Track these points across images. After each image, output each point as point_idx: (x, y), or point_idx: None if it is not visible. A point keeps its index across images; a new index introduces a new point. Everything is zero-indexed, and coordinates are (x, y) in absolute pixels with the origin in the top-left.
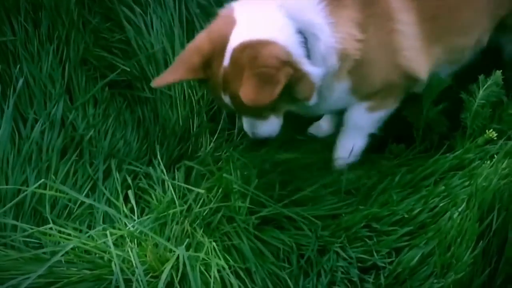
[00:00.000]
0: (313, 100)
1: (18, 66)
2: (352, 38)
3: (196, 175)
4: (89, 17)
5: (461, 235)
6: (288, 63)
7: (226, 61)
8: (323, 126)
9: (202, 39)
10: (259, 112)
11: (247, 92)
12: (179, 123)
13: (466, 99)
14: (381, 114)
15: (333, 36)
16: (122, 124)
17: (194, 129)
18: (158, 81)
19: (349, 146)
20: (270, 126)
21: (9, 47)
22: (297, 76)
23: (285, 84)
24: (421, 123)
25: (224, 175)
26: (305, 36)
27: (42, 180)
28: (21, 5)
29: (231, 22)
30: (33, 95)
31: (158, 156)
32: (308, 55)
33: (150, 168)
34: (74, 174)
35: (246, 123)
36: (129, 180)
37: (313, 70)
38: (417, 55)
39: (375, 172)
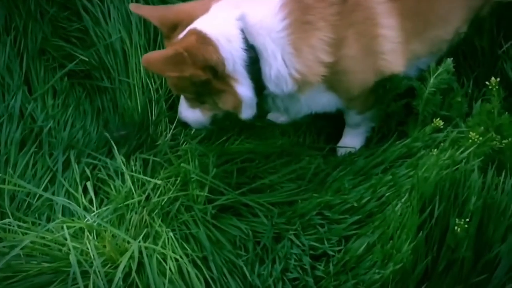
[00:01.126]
0: (245, 115)
1: None
2: (317, 63)
3: (155, 165)
4: (46, 6)
5: (402, 226)
6: (209, 69)
7: (181, 35)
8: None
9: (185, 7)
10: (189, 98)
11: (152, 53)
12: (138, 112)
13: (418, 86)
14: (370, 114)
15: (289, 65)
16: (82, 114)
17: (153, 118)
18: (136, 7)
19: (350, 143)
20: (193, 116)
21: None
22: (218, 88)
23: (200, 86)
24: (381, 113)
25: (182, 164)
26: (257, 55)
27: (0, 175)
28: None
29: (206, 9)
30: None
31: (117, 147)
32: (258, 74)
33: (109, 159)
34: (34, 166)
35: (180, 101)
36: (88, 172)
37: (241, 91)
38: (397, 57)
39: (332, 159)
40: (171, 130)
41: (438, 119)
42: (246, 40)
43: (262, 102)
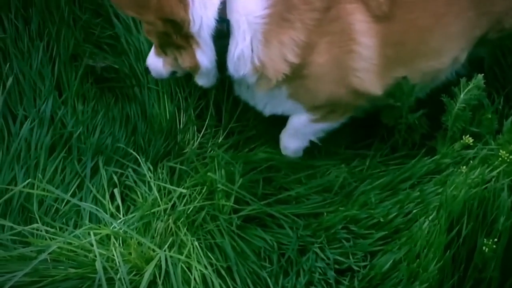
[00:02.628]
0: (200, 82)
1: (8, 64)
2: (281, 60)
3: (181, 173)
4: (79, 13)
5: (429, 245)
6: (172, 24)
7: None
8: None
9: None
10: (155, 45)
11: None
12: (166, 119)
13: (448, 101)
14: (323, 126)
15: (254, 51)
16: (111, 120)
17: (181, 126)
18: None
19: (289, 145)
20: (155, 65)
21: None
22: (179, 44)
23: (162, 36)
24: (402, 126)
25: (209, 173)
26: (228, 31)
27: (29, 180)
28: (12, 2)
29: None
30: (23, 92)
31: (144, 154)
32: (223, 49)
33: (136, 166)
34: (62, 171)
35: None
36: (115, 178)
37: (200, 57)
38: (373, 77)
39: (359, 171)
40: (199, 139)
41: (468, 136)
42: (222, 13)
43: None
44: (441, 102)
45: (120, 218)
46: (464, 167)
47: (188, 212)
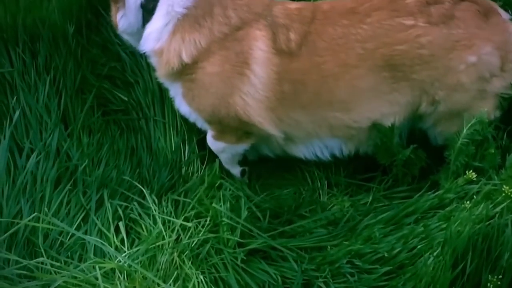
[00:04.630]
0: (120, 32)
1: (15, 97)
2: (176, 55)
3: (185, 205)
4: (87, 46)
5: (434, 282)
6: None
7: None
8: None
9: None
10: None
11: None
12: (171, 152)
13: (451, 136)
14: (224, 146)
15: (162, 35)
16: (116, 153)
17: (185, 158)
18: None
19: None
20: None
21: (6, 78)
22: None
23: None
24: (398, 162)
25: (214, 205)
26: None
27: (35, 213)
28: (20, 36)
29: None
30: (29, 125)
31: (149, 187)
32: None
33: (141, 198)
34: (67, 204)
35: None
36: (120, 211)
37: (119, 18)
38: (262, 108)
39: (362, 205)
40: (202, 170)
41: (471, 171)
42: None
43: None
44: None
45: (125, 252)
46: (468, 202)
47: (193, 245)
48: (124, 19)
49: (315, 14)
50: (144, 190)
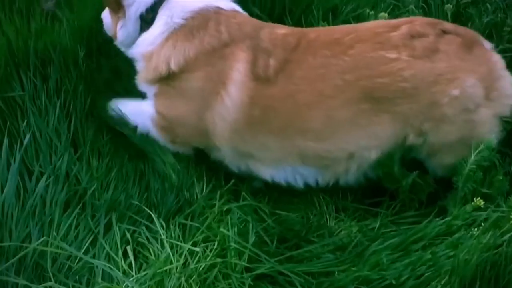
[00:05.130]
0: (118, 43)
1: (25, 121)
2: (164, 61)
3: (193, 228)
4: (97, 70)
5: None
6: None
7: None
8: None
9: None
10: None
11: None
12: (178, 176)
13: (458, 162)
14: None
15: (154, 43)
16: (125, 176)
17: (193, 180)
18: None
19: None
20: (106, 19)
21: (17, 102)
22: (112, 6)
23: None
24: (405, 187)
25: (222, 229)
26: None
27: (44, 237)
28: (31, 60)
29: None
30: (39, 148)
31: (156, 211)
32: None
33: (149, 222)
34: (76, 228)
35: None
36: (128, 235)
37: (119, 28)
38: (227, 129)
39: (370, 230)
40: (210, 192)
41: (479, 198)
42: (156, 5)
43: None
44: None
45: (133, 276)
46: (476, 229)
47: (200, 270)
48: (123, 29)
49: (300, 41)
50: (152, 214)
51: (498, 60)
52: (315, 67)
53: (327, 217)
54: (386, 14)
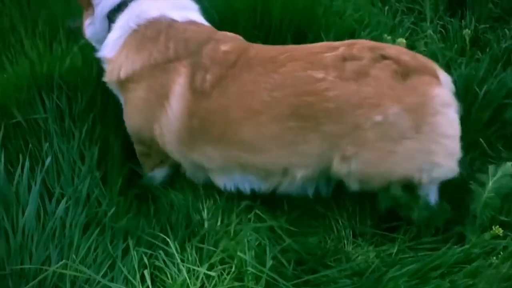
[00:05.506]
0: (87, 38)
1: (48, 143)
2: (118, 68)
3: (209, 251)
4: None
5: None
6: None
7: None
8: None
9: None
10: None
11: None
12: (191, 195)
13: (476, 189)
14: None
15: (115, 47)
16: (143, 199)
17: (202, 200)
18: None
19: None
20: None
21: (40, 125)
22: (82, 2)
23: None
24: (421, 215)
25: (239, 253)
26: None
27: (63, 261)
28: (55, 83)
29: None
30: (61, 170)
31: (172, 234)
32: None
33: (164, 245)
34: (95, 250)
35: None
36: (145, 259)
37: (86, 24)
38: (174, 140)
39: (387, 256)
40: (225, 211)
41: (497, 226)
42: (122, 5)
43: None
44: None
45: None
46: (495, 258)
47: None
48: (91, 26)
49: (239, 58)
50: (167, 238)
51: (440, 95)
52: (247, 83)
53: (345, 241)
54: (404, 40)
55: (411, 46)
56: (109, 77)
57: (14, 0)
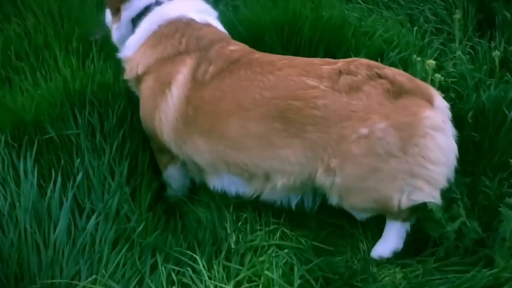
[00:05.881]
0: (115, 42)
1: (79, 158)
2: (135, 66)
3: (236, 268)
4: None
5: None
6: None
7: None
8: None
9: None
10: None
11: None
12: (211, 211)
13: (506, 212)
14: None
15: (135, 47)
16: (170, 215)
17: (226, 216)
18: None
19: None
20: (108, 17)
21: (72, 140)
22: (112, 6)
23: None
24: (449, 234)
25: (266, 272)
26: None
27: (93, 276)
28: (87, 100)
29: None
30: (92, 186)
31: (199, 251)
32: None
33: (192, 262)
34: (124, 266)
35: None
36: (174, 276)
37: (115, 28)
38: (170, 128)
39: (414, 277)
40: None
41: None
42: (144, 11)
43: None
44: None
45: None
46: None
47: None
48: (117, 31)
49: (242, 57)
50: (195, 255)
51: (430, 118)
52: (242, 79)
53: (372, 262)
54: (433, 62)
55: (439, 67)
56: (129, 74)
57: (48, 17)
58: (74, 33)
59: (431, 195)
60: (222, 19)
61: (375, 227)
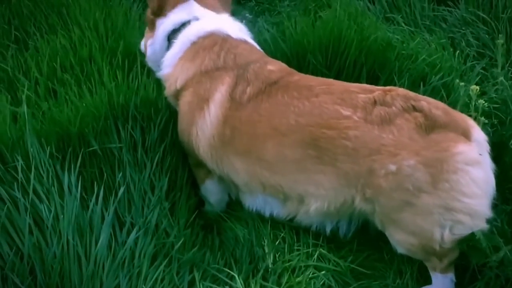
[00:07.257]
0: (147, 59)
1: (121, 172)
2: (175, 81)
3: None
4: None
5: None
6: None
7: None
8: None
9: None
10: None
11: None
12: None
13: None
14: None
15: (173, 63)
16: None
17: (271, 235)
18: None
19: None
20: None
21: (115, 154)
22: (148, 20)
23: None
24: (492, 263)
25: None
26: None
27: None
28: (130, 113)
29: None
30: (132, 200)
31: (237, 269)
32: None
33: (229, 279)
34: (162, 281)
35: None
36: None
37: (149, 43)
38: (207, 146)
39: None
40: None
41: None
42: (181, 27)
43: None
44: None
45: None
46: None
47: None
48: (151, 47)
49: (280, 79)
50: (232, 273)
51: (463, 153)
52: (279, 104)
53: None
54: (477, 87)
55: (481, 92)
56: (168, 91)
57: (93, 30)
58: (119, 46)
59: (473, 227)
60: (265, 35)
61: None
